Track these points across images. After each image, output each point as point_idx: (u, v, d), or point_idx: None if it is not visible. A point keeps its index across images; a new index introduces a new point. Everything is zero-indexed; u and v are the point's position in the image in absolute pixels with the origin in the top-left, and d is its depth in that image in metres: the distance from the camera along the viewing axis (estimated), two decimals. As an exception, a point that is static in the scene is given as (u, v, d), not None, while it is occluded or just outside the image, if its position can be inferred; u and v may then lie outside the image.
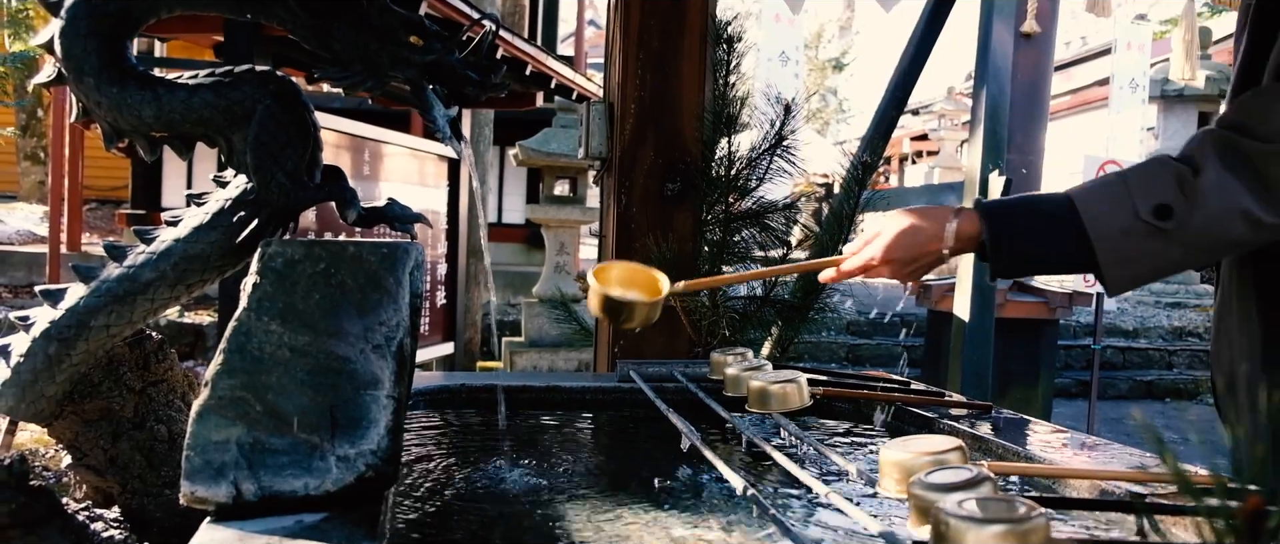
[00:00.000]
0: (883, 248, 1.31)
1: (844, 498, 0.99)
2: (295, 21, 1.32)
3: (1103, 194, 1.21)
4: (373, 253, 1.14)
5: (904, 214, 1.32)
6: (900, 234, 1.30)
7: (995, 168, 4.07)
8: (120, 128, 1.39)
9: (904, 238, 1.30)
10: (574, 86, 5.82)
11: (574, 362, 5.57)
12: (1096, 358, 5.39)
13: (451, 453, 1.52)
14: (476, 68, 1.38)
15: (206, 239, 1.44)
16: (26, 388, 1.48)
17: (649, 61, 2.56)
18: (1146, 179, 1.19)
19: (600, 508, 1.24)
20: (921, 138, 18.31)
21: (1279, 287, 1.28)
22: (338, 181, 1.46)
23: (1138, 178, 1.20)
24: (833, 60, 26.94)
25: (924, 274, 1.35)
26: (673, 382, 1.78)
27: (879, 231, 1.33)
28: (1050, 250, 1.24)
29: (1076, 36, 18.43)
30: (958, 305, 4.21)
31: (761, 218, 2.58)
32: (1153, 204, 1.16)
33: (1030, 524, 0.74)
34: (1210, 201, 1.15)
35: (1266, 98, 1.21)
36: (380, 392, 1.09)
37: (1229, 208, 1.15)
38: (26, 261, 9.75)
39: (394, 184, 4.61)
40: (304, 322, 1.10)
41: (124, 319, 1.47)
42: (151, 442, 1.54)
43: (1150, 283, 1.32)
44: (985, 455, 1.36)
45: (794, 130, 2.55)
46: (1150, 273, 1.22)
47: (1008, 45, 4.30)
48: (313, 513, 1.01)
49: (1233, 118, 1.22)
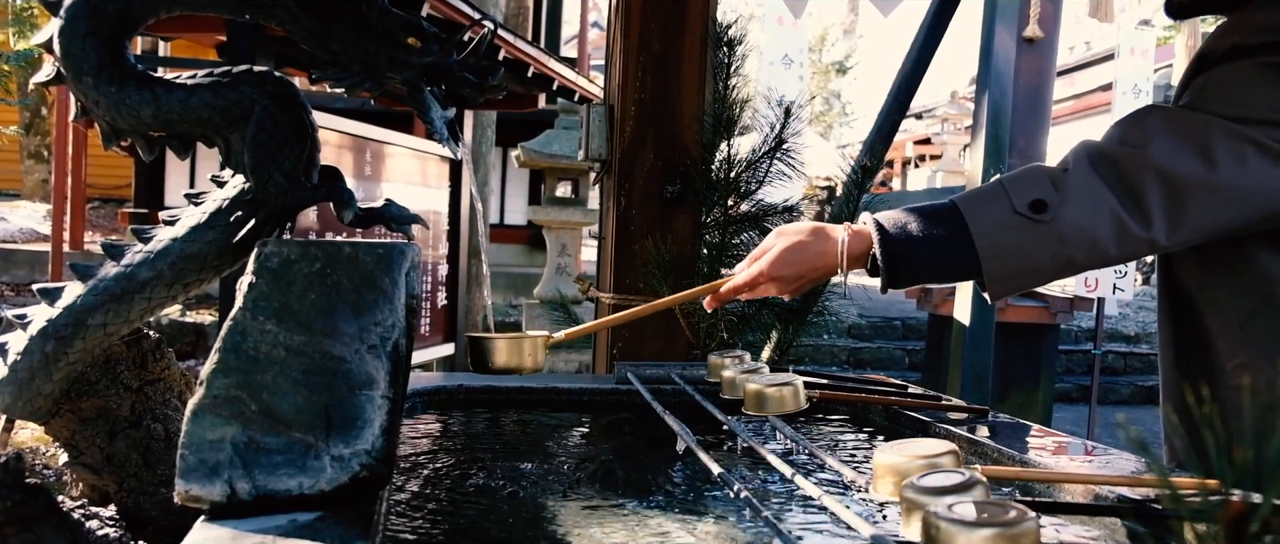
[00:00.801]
0: (770, 263, 1.34)
1: (837, 501, 0.99)
2: (294, 22, 1.32)
3: (984, 195, 1.27)
4: (369, 253, 1.14)
5: (792, 231, 1.34)
6: (787, 250, 1.33)
7: (997, 172, 4.07)
8: (119, 127, 1.39)
9: (791, 255, 1.32)
10: (577, 88, 5.83)
11: (574, 363, 5.58)
12: (1097, 363, 5.39)
13: (448, 453, 1.52)
14: (474, 69, 1.38)
15: (204, 238, 1.44)
16: (23, 386, 1.48)
17: (649, 64, 2.57)
18: (1023, 179, 1.25)
19: (596, 509, 1.24)
20: (924, 142, 18.32)
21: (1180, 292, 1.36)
22: (335, 182, 1.46)
23: (1014, 180, 1.26)
24: (836, 63, 26.96)
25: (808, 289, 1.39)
26: (670, 384, 1.78)
27: (768, 247, 1.35)
28: (936, 255, 1.27)
29: (1079, 41, 18.42)
30: (958, 309, 4.21)
31: (761, 220, 2.58)
32: (1029, 199, 1.22)
33: (1021, 528, 0.74)
34: (1079, 196, 1.21)
35: (1141, 113, 1.28)
36: (375, 392, 1.09)
37: (1098, 206, 1.20)
38: (29, 260, 9.78)
39: (396, 185, 4.61)
40: (300, 321, 1.10)
41: (121, 318, 1.47)
42: (148, 440, 1.54)
43: (1030, 287, 1.34)
44: (980, 460, 1.36)
45: (795, 133, 2.55)
46: (1029, 269, 1.25)
47: (1011, 50, 4.31)
48: (307, 512, 1.01)
49: (1108, 132, 1.29)
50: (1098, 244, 1.21)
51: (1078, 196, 1.21)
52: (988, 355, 4.13)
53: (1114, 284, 5.20)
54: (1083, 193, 1.21)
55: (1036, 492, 1.22)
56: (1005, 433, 1.47)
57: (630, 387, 1.78)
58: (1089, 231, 1.21)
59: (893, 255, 1.27)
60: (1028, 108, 5.78)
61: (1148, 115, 1.26)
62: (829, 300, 2.64)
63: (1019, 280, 1.27)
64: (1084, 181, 1.21)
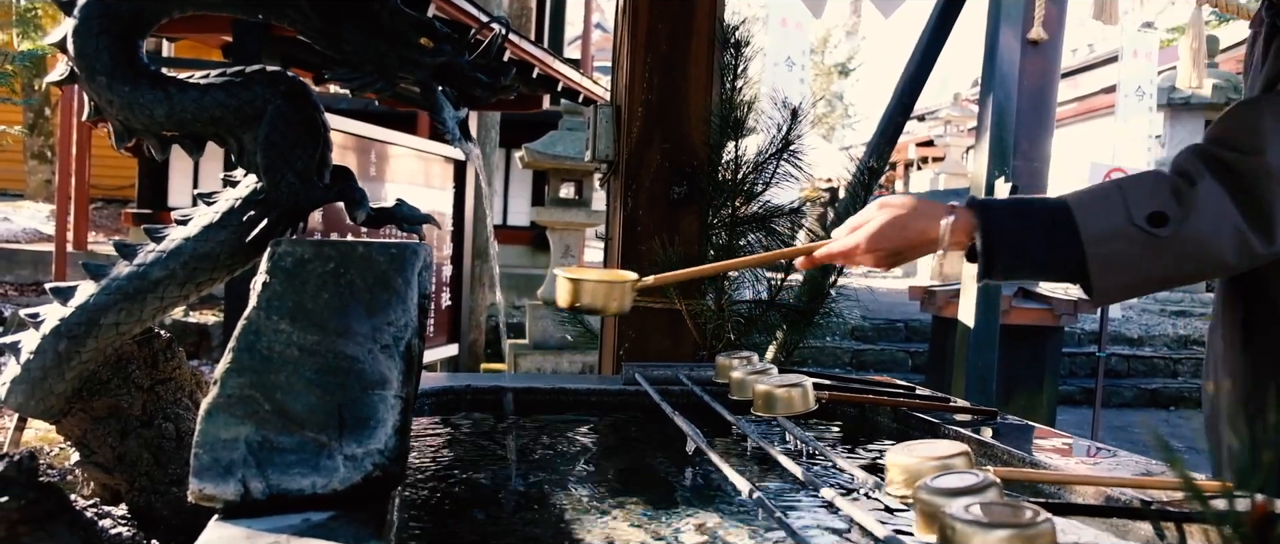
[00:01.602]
0: (868, 236, 1.30)
1: (849, 501, 0.99)
2: (307, 23, 1.33)
3: (1098, 199, 1.21)
4: (382, 253, 1.15)
5: (895, 205, 1.30)
6: (889, 224, 1.29)
7: (1001, 174, 4.07)
8: (132, 126, 1.40)
9: (892, 229, 1.29)
10: (581, 89, 5.83)
11: (578, 364, 5.58)
12: (1101, 365, 5.38)
13: (458, 453, 1.52)
14: (486, 69, 1.39)
15: (216, 238, 1.44)
16: (36, 385, 1.48)
17: (656, 64, 2.57)
18: (1142, 188, 1.19)
19: (606, 509, 1.24)
20: (927, 144, 18.30)
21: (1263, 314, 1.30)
22: (347, 181, 1.46)
23: (1134, 186, 1.20)
24: (839, 65, 26.94)
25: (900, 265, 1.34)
26: (678, 385, 1.78)
27: (868, 219, 1.31)
28: (1041, 252, 1.23)
29: (1083, 44, 18.41)
30: (962, 311, 4.20)
31: (767, 222, 2.58)
32: (1148, 211, 1.17)
33: (1036, 529, 0.74)
34: (1205, 213, 1.15)
35: (1248, 109, 1.22)
36: (388, 392, 1.09)
37: (1222, 222, 1.15)
38: (33, 260, 9.78)
39: (400, 185, 4.62)
40: (313, 321, 1.10)
41: (134, 317, 1.47)
42: (159, 439, 1.54)
43: (1133, 297, 1.30)
44: (990, 461, 1.36)
45: (800, 135, 2.55)
46: (1137, 282, 1.21)
47: (1015, 52, 4.30)
48: (320, 512, 1.01)
49: (1216, 132, 1.23)
50: (1215, 260, 1.17)
51: (1202, 213, 1.15)
52: (992, 357, 4.12)
53: (1118, 286, 5.18)
54: (1207, 209, 1.15)
55: (1048, 493, 1.22)
56: (1015, 435, 1.47)
57: (638, 387, 1.78)
58: (1208, 248, 1.16)
59: (995, 247, 1.23)
60: (1032, 110, 5.79)
61: (1258, 114, 1.19)
62: (835, 302, 2.63)
63: (1126, 291, 1.23)
64: (1208, 197, 1.16)
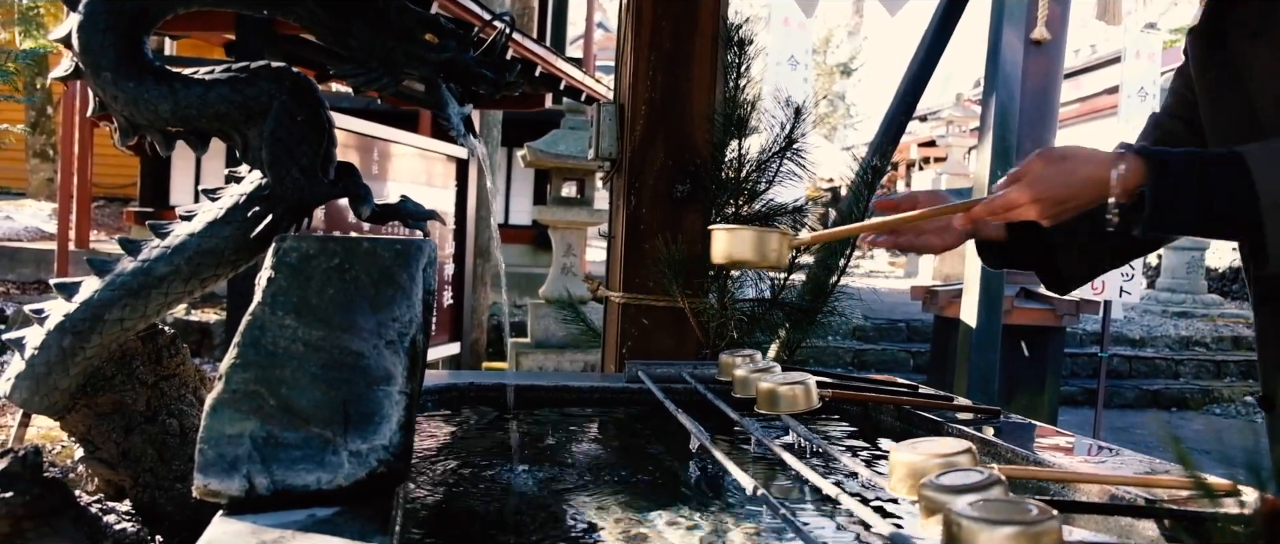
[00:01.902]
0: (1032, 184, 1.20)
1: (853, 498, 0.99)
2: (314, 19, 1.33)
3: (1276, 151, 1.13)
4: (387, 249, 1.15)
5: (1056, 153, 1.22)
6: (1055, 171, 1.20)
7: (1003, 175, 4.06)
8: (137, 122, 1.40)
9: (1060, 177, 1.19)
10: (583, 88, 5.83)
11: (580, 363, 5.57)
12: (1103, 366, 5.38)
13: (462, 450, 1.52)
14: (491, 66, 1.39)
15: (221, 234, 1.44)
16: (40, 380, 1.49)
17: (660, 63, 2.57)
18: None
19: (609, 506, 1.24)
20: (929, 144, 18.27)
21: None
22: (351, 177, 1.47)
23: None
24: (841, 65, 26.91)
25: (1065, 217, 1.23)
26: (681, 383, 1.78)
27: (1028, 169, 1.22)
28: (1210, 203, 1.14)
29: (1085, 44, 18.39)
30: (964, 311, 4.20)
31: (770, 220, 2.57)
32: None
33: (1043, 526, 0.74)
34: None
35: None
36: (393, 387, 1.09)
37: None
38: (35, 258, 9.79)
39: (402, 184, 4.61)
40: (318, 316, 1.10)
41: (138, 313, 1.47)
42: (163, 435, 1.55)
43: None
44: (994, 459, 1.36)
45: (804, 134, 2.55)
46: None
47: (1018, 52, 4.30)
48: (325, 507, 1.01)
49: None
50: None
51: None
52: (994, 357, 4.12)
53: (1120, 287, 5.18)
54: None
55: (1053, 491, 1.22)
56: (1018, 433, 1.47)
57: (641, 385, 1.78)
58: None
59: (1163, 197, 1.14)
60: (1035, 110, 5.77)
61: None
62: (838, 301, 2.63)
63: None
64: None
